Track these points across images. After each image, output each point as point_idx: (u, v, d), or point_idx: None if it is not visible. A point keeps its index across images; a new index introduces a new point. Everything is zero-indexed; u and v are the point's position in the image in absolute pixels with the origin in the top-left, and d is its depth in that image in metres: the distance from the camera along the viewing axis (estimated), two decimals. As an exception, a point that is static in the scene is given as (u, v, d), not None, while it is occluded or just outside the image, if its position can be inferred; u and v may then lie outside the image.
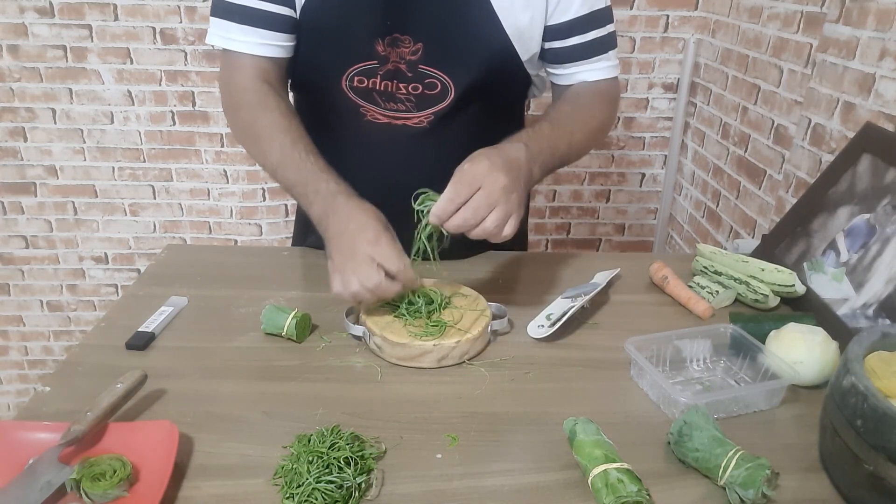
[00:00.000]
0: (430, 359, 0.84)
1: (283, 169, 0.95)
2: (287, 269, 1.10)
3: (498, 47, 0.95)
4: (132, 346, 0.86)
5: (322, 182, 0.90)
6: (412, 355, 0.84)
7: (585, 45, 1.00)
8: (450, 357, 0.85)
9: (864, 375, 0.61)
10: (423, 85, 0.97)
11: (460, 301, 0.94)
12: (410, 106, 0.99)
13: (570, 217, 2.20)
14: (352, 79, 0.97)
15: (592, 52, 1.01)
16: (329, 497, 0.61)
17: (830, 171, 1.02)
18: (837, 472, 0.66)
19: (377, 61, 0.95)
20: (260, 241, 2.15)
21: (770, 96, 1.52)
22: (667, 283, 1.03)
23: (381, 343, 0.85)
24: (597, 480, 0.62)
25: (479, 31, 0.94)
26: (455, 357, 0.85)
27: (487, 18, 0.93)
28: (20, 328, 2.24)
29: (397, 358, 0.85)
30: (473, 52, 0.95)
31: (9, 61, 1.88)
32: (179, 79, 1.93)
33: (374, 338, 0.86)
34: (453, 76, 0.96)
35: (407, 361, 0.85)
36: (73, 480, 0.61)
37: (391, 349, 0.85)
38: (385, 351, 0.85)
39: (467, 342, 0.85)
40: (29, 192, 2.05)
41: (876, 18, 1.14)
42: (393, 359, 0.85)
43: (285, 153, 0.93)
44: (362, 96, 0.99)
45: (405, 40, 0.94)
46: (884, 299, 0.85)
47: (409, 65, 0.95)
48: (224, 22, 0.94)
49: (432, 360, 0.84)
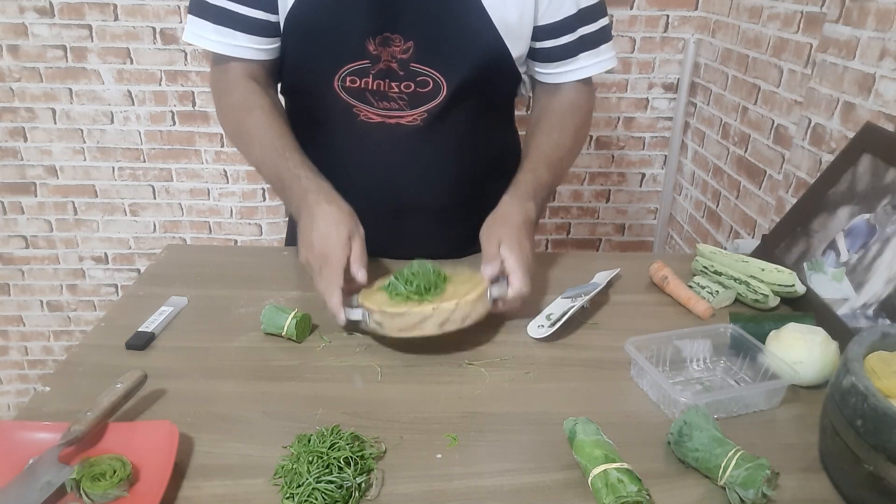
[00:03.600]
0: (431, 324, 0.82)
1: (265, 167, 0.97)
2: (287, 269, 1.10)
3: (489, 44, 0.95)
4: (132, 346, 0.86)
5: (296, 180, 0.91)
6: (412, 323, 0.82)
7: (575, 43, 1.00)
8: (451, 321, 0.82)
9: (864, 375, 0.61)
10: (415, 83, 0.97)
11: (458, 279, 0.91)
12: (403, 104, 0.99)
13: (570, 217, 2.20)
14: (344, 79, 0.97)
15: (581, 48, 1.01)
16: (329, 497, 0.61)
17: (830, 171, 1.02)
18: (837, 472, 0.66)
19: (369, 61, 0.95)
20: (260, 241, 2.15)
21: (770, 96, 1.52)
22: (667, 283, 1.03)
23: (380, 319, 0.83)
24: (597, 480, 0.62)
25: (469, 29, 0.94)
26: (457, 321, 0.83)
27: (478, 15, 0.93)
28: (20, 328, 2.24)
29: (399, 330, 0.83)
30: (465, 49, 0.95)
31: (9, 61, 1.88)
32: (179, 79, 1.93)
33: (374, 315, 0.84)
34: (445, 74, 0.96)
35: (409, 331, 0.83)
36: (73, 480, 0.61)
37: (391, 322, 0.83)
38: (386, 326, 0.83)
39: (467, 304, 0.83)
40: (29, 192, 2.05)
41: (876, 18, 1.14)
42: (395, 332, 0.83)
43: (265, 151, 0.96)
44: (355, 96, 0.99)
45: (395, 39, 0.93)
46: (884, 299, 0.85)
47: (401, 63, 0.95)
48: (199, 20, 0.95)
49: (433, 325, 0.82)
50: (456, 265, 0.94)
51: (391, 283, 0.88)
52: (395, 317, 0.82)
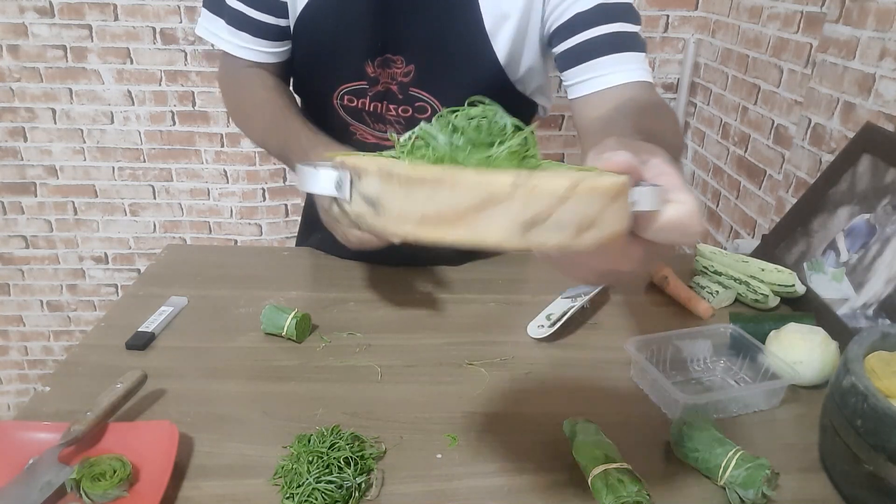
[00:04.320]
0: (503, 217, 0.36)
1: (269, 137, 0.96)
2: (287, 269, 1.10)
3: (489, 73, 0.91)
4: (132, 346, 0.86)
5: (296, 142, 0.89)
6: (462, 206, 0.36)
7: (601, 40, 0.84)
8: (549, 222, 0.36)
9: (864, 375, 0.61)
10: (413, 108, 0.94)
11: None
12: (400, 129, 0.96)
13: (570, 217, 2.20)
14: (342, 97, 0.96)
15: (612, 48, 0.84)
16: (329, 497, 0.61)
17: (830, 171, 1.02)
18: (837, 472, 0.66)
19: (366, 82, 0.93)
20: (260, 241, 2.15)
21: (770, 96, 1.52)
22: (667, 283, 1.03)
23: (380, 190, 0.38)
24: (597, 480, 0.62)
25: (469, 56, 0.89)
26: (561, 226, 0.36)
27: (480, 41, 0.88)
28: (20, 328, 2.24)
29: (421, 217, 0.37)
30: (464, 77, 0.91)
31: (9, 61, 1.88)
32: (179, 79, 1.93)
33: (367, 181, 0.39)
34: (443, 101, 0.93)
35: (444, 226, 0.37)
36: (73, 480, 0.61)
37: (407, 196, 0.37)
38: (392, 205, 0.38)
39: (590, 194, 0.36)
40: (29, 192, 2.05)
41: (876, 18, 1.13)
42: (410, 223, 0.37)
43: (266, 123, 0.95)
44: (352, 115, 0.97)
45: (397, 60, 0.91)
46: (884, 299, 0.85)
47: (401, 86, 0.93)
48: (214, 17, 0.94)
49: (510, 219, 0.36)
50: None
51: (420, 133, 0.43)
52: (421, 186, 0.37)
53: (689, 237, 0.43)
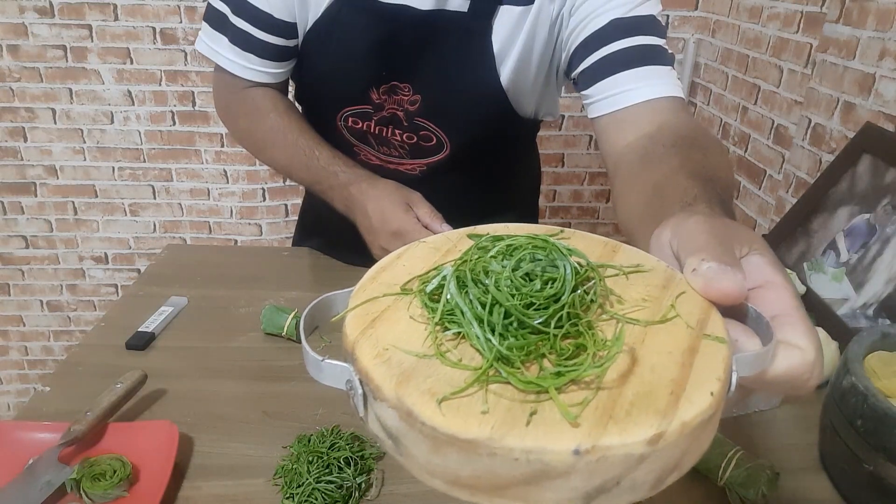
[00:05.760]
0: (561, 490, 0.27)
1: (295, 171, 0.94)
2: (287, 269, 1.10)
3: (496, 108, 0.89)
4: (132, 346, 0.86)
5: (333, 177, 0.88)
6: (506, 477, 0.27)
7: (620, 54, 0.78)
8: (622, 487, 0.28)
9: (864, 375, 0.61)
10: (418, 136, 0.92)
11: (634, 286, 0.37)
12: (404, 153, 0.94)
13: (570, 217, 2.20)
14: (346, 119, 0.93)
15: (632, 62, 0.77)
16: (329, 497, 0.61)
17: (830, 171, 1.02)
18: (837, 472, 0.66)
19: (371, 107, 0.90)
20: (260, 241, 2.15)
21: (770, 96, 1.52)
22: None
23: (399, 429, 0.29)
24: (597, 480, 0.62)
25: (479, 93, 0.87)
26: (636, 485, 0.28)
27: (489, 78, 0.86)
28: (20, 328, 2.24)
29: (455, 479, 0.28)
30: (470, 110, 0.89)
31: (9, 61, 1.88)
32: (179, 79, 1.92)
33: (384, 410, 0.29)
34: (449, 133, 0.91)
35: (484, 494, 0.28)
36: (73, 480, 0.61)
37: (435, 451, 0.28)
38: (415, 452, 0.29)
39: (679, 436, 0.28)
40: (29, 192, 2.05)
41: (876, 18, 1.13)
42: (439, 479, 0.28)
43: (290, 155, 0.92)
44: (356, 136, 0.95)
45: (404, 88, 0.88)
46: (884, 299, 0.85)
47: (407, 114, 0.90)
48: (217, 35, 0.90)
49: (570, 491, 0.27)
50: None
51: (446, 301, 0.34)
52: (453, 447, 0.27)
53: (804, 391, 0.34)
